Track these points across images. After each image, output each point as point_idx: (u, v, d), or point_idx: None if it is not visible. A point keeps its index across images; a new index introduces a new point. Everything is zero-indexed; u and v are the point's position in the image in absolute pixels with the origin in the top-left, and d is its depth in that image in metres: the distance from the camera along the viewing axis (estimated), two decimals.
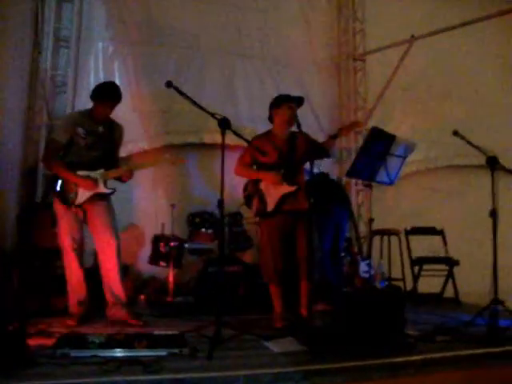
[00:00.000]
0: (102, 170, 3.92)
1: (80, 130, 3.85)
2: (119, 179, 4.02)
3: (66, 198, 3.84)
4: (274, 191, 3.95)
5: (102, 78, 5.56)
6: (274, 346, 3.29)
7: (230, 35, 6.31)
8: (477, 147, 3.81)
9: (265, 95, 6.09)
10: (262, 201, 3.99)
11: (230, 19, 6.32)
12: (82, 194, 3.85)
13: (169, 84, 3.40)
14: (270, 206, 3.95)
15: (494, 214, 3.61)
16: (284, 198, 3.93)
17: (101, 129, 3.96)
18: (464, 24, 5.94)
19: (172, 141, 5.81)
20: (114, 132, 4.04)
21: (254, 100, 6.28)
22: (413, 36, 6.11)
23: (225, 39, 6.28)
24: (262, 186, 4.02)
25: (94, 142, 3.91)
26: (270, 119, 4.12)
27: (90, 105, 3.99)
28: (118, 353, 2.90)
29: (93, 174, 3.89)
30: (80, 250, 3.96)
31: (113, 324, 3.78)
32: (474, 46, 7.46)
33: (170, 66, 5.85)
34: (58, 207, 3.90)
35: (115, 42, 5.75)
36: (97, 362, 2.73)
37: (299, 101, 4.03)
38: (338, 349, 3.12)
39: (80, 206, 3.87)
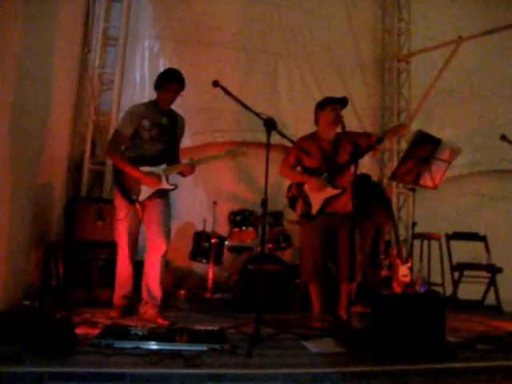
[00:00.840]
0: (164, 165, 3.86)
1: (145, 122, 3.80)
2: (180, 174, 4.00)
3: (129, 194, 3.81)
4: (318, 194, 3.96)
5: (147, 76, 5.70)
6: (312, 346, 3.31)
7: (274, 35, 6.34)
8: None
9: (308, 96, 6.14)
10: (307, 203, 4.02)
11: (274, 19, 6.35)
12: (146, 191, 3.81)
13: (215, 83, 3.44)
14: (315, 209, 3.98)
15: None
16: (328, 201, 3.94)
17: (164, 120, 3.91)
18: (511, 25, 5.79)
19: (215, 139, 5.89)
20: (176, 123, 3.99)
21: (297, 101, 6.29)
22: (460, 37, 5.98)
23: (269, 39, 6.32)
24: (307, 188, 4.03)
25: (158, 134, 3.85)
26: (316, 121, 4.12)
27: (135, 102, 4.05)
28: (160, 345, 2.96)
29: (155, 169, 3.82)
30: (135, 247, 3.99)
31: (142, 321, 3.78)
32: None
33: (215, 64, 5.91)
34: (120, 202, 3.86)
35: (161, 39, 5.86)
36: (139, 354, 2.80)
37: (343, 102, 4.01)
38: (376, 352, 3.11)
39: (141, 202, 3.84)
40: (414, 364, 2.99)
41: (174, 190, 3.93)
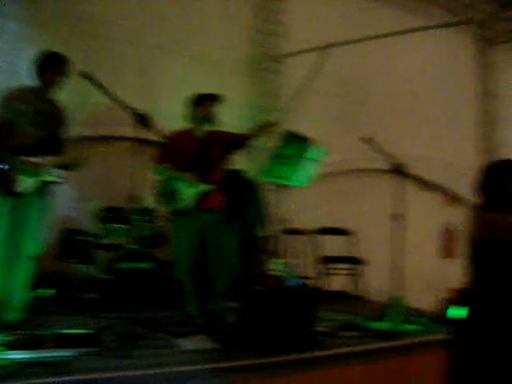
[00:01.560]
0: (48, 157, 3.44)
1: (23, 107, 3.39)
2: (66, 167, 3.55)
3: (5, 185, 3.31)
4: (188, 190, 3.93)
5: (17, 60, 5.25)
6: (187, 344, 3.29)
7: (149, 27, 6.16)
8: (388, 154, 4.00)
9: (183, 92, 6.07)
10: (176, 199, 3.96)
11: (147, 11, 6.16)
12: (25, 182, 3.35)
13: (83, 74, 3.26)
14: (184, 205, 3.93)
15: (398, 217, 3.82)
16: (199, 197, 3.92)
17: (46, 106, 3.53)
18: (378, 36, 6.25)
19: (83, 132, 5.58)
20: (59, 110, 3.63)
21: (172, 96, 6.18)
22: (328, 43, 6.30)
23: (142, 31, 6.12)
24: (177, 184, 3.98)
25: (39, 121, 3.46)
26: (189, 117, 4.08)
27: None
28: (25, 354, 2.74)
29: (38, 159, 3.39)
30: None
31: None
32: (392, 56, 7.91)
33: (81, 55, 5.59)
34: None
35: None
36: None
37: (217, 99, 4.02)
38: (249, 346, 3.16)
39: (20, 194, 3.37)
40: (284, 355, 3.09)
41: (59, 183, 3.52)
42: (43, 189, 3.48)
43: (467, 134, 9.38)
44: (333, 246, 6.49)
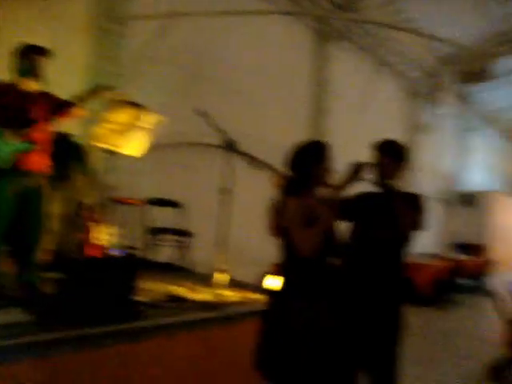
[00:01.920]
0: None
1: None
2: None
3: None
4: (4, 147, 3.51)
5: None
6: None
7: None
8: (220, 130, 4.06)
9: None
10: None
11: None
12: None
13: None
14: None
15: (227, 192, 3.94)
16: (17, 156, 3.54)
17: None
18: (224, 13, 6.30)
19: None
20: None
21: None
22: (172, 11, 6.19)
23: None
24: None
25: None
26: (12, 69, 3.68)
27: None
28: None
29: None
30: None
31: None
32: (235, 34, 8.02)
33: None
34: None
35: None
36: None
37: (47, 52, 3.69)
38: (66, 318, 3.02)
39: None
40: (105, 326, 3.02)
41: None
42: None
43: (299, 118, 10.01)
44: (162, 217, 6.47)
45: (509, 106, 17.66)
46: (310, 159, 2.63)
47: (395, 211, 2.65)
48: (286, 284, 2.57)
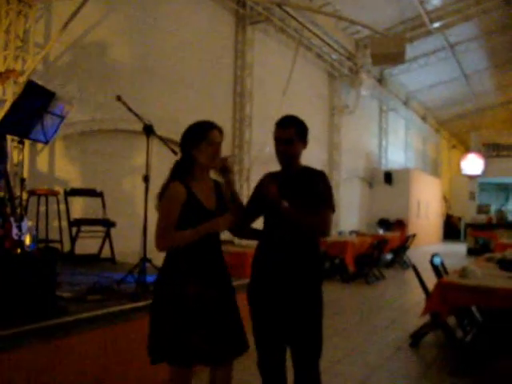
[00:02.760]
0: None
1: None
2: None
3: None
4: None
5: None
6: None
7: None
8: (137, 115, 3.94)
9: None
10: None
11: None
12: None
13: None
14: None
15: (146, 179, 3.84)
16: None
17: None
18: None
19: None
20: None
21: None
22: None
23: None
24: None
25: None
26: None
27: None
28: None
29: None
30: None
31: None
32: (154, 19, 7.85)
33: None
34: None
35: None
36: None
37: None
38: None
39: None
40: (25, 325, 2.88)
41: None
42: None
43: (223, 103, 9.96)
44: (82, 207, 6.25)
45: (423, 88, 18.56)
46: (188, 141, 2.47)
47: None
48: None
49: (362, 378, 4.00)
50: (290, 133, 2.52)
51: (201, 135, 2.45)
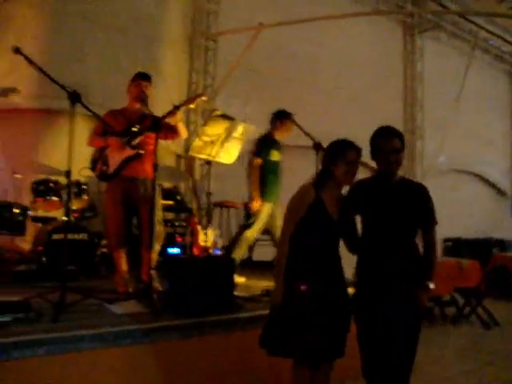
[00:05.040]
0: None
1: None
2: None
3: None
4: (117, 154, 3.97)
5: None
6: (117, 309, 3.49)
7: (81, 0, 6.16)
8: (307, 133, 4.29)
9: (118, 66, 6.13)
10: (105, 163, 4.02)
11: None
12: None
13: (16, 50, 3.31)
14: (112, 168, 3.99)
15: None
16: (127, 162, 3.97)
17: None
18: (309, 19, 6.57)
19: (19, 105, 5.56)
20: None
21: (106, 70, 6.24)
22: (261, 23, 6.57)
23: (74, 4, 6.11)
24: (108, 150, 4.04)
25: None
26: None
27: None
28: None
29: None
30: None
31: None
32: (319, 37, 8.26)
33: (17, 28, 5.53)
34: None
35: None
36: None
37: (146, 77, 4.13)
38: (174, 309, 3.45)
39: None
40: (206, 317, 3.41)
41: None
42: None
43: (393, 115, 9.95)
44: None
45: None
46: (327, 157, 2.74)
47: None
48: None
49: None
50: (398, 142, 2.68)
51: (338, 153, 2.70)
